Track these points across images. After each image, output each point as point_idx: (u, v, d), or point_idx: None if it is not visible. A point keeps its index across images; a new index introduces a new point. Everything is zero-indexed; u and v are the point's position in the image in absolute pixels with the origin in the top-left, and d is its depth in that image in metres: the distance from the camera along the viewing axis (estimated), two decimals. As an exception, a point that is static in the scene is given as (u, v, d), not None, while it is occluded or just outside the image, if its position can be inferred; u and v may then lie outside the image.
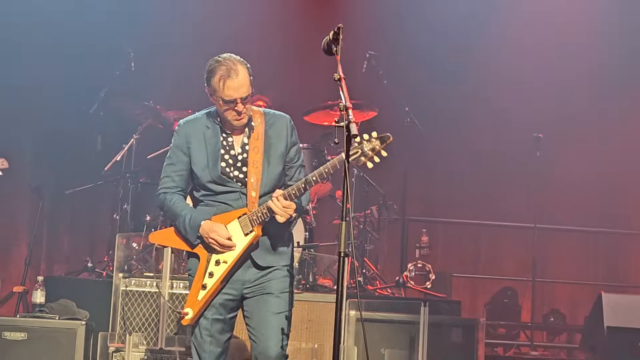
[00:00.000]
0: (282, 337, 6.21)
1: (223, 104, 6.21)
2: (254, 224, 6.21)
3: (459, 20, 13.14)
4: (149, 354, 8.60)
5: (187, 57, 11.99)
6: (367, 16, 12.76)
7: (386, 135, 5.89)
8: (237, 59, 6.25)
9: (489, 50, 13.19)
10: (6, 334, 8.46)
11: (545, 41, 13.14)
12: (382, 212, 11.66)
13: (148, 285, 9.04)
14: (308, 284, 9.82)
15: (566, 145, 13.12)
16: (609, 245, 13.83)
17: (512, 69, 13.22)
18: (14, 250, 12.68)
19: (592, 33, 13.08)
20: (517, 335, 12.46)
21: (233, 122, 6.27)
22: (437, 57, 13.16)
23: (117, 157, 11.33)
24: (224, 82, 6.15)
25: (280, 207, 6.09)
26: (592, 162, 13.39)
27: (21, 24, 12.44)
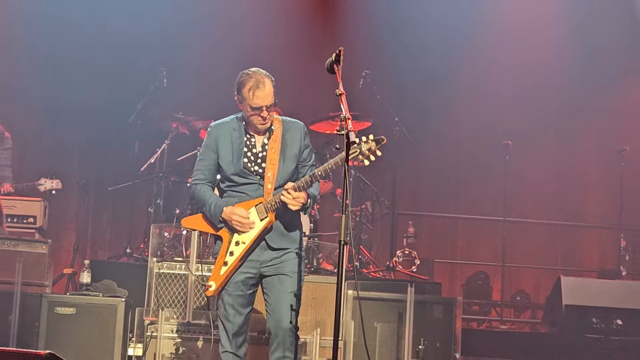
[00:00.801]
0: (293, 312, 6.28)
1: (251, 110, 6.28)
2: (268, 211, 6.30)
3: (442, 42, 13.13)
4: (178, 326, 8.61)
5: (210, 75, 12.02)
6: (363, 40, 12.75)
7: (381, 137, 6.00)
8: (264, 73, 6.35)
9: (468, 69, 13.20)
10: (58, 309, 8.44)
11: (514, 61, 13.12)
12: (375, 207, 11.65)
13: (177, 268, 9.02)
14: (313, 268, 9.83)
15: (531, 150, 13.16)
16: (567, 236, 13.83)
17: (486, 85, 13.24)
18: (64, 238, 12.70)
19: (556, 50, 13.10)
20: (488, 311, 12.46)
21: (258, 126, 6.34)
22: (423, 75, 13.15)
23: (152, 159, 11.32)
24: (253, 92, 6.23)
25: (290, 198, 6.17)
26: (552, 165, 13.45)
27: (71, 47, 12.51)
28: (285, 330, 6.25)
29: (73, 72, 12.56)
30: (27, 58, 12.44)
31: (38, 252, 9.37)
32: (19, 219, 11.34)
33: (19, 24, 12.36)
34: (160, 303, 8.89)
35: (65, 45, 12.55)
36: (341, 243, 5.48)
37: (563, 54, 13.09)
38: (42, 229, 11.40)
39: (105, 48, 12.48)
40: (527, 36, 13.15)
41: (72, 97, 12.61)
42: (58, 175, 10.73)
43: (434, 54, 13.13)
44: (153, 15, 12.49)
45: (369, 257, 11.36)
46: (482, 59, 13.17)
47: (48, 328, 8.40)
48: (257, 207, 6.32)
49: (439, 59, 13.21)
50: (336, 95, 5.73)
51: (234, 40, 12.57)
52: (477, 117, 13.44)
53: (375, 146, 5.99)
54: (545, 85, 13.17)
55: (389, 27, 13.03)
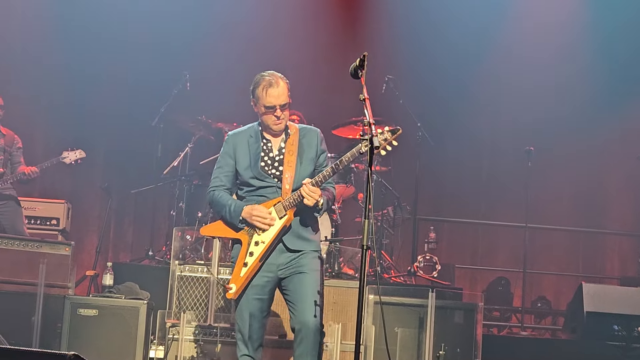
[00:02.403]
0: (317, 308, 6.27)
1: (264, 109, 6.36)
2: (286, 209, 6.33)
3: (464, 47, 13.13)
4: (199, 329, 8.62)
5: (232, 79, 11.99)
6: (386, 44, 12.74)
7: (396, 128, 6.16)
8: (278, 75, 6.44)
9: (491, 75, 13.21)
10: (80, 311, 8.46)
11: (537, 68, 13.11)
12: (397, 212, 11.64)
13: (199, 271, 9.04)
14: (334, 272, 9.81)
15: (553, 157, 13.10)
16: (589, 243, 13.77)
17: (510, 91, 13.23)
18: (86, 240, 12.74)
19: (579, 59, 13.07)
20: (509, 317, 12.39)
21: (272, 126, 6.40)
22: (445, 80, 13.16)
23: (174, 162, 11.34)
24: (266, 90, 6.32)
25: (308, 191, 6.21)
26: (575, 172, 13.37)
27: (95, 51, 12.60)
28: (309, 325, 6.25)
29: (96, 75, 12.62)
30: (50, 61, 12.51)
31: (61, 254, 9.42)
32: (42, 221, 11.40)
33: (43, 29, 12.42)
34: (182, 306, 8.91)
35: (89, 49, 12.62)
36: (364, 248, 5.47)
37: (587, 59, 13.06)
38: (65, 231, 11.46)
39: (129, 52, 12.55)
40: (550, 42, 13.14)
41: (95, 100, 12.67)
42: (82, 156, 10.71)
43: (456, 58, 13.15)
44: (177, 19, 12.56)
45: (390, 262, 11.35)
46: (504, 64, 13.17)
47: (70, 329, 8.42)
48: (275, 206, 6.36)
49: (461, 64, 13.21)
50: (360, 100, 5.74)
51: (257, 45, 12.61)
52: (499, 122, 13.43)
53: (391, 136, 6.10)
54: (569, 91, 13.13)
55: (412, 32, 13.03)
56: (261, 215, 6.31)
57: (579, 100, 13.15)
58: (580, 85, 13.11)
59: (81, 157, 10.55)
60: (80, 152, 10.55)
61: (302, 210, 6.36)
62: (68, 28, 12.53)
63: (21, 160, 10.67)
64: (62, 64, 12.52)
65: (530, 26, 13.20)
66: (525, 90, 13.21)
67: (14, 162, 10.63)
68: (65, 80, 12.58)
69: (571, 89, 13.14)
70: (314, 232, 6.54)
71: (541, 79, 13.16)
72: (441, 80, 13.15)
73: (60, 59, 12.49)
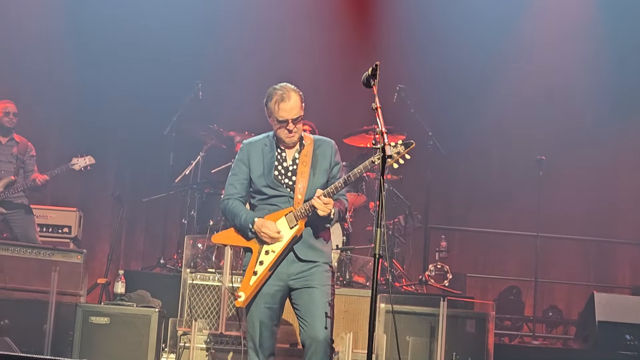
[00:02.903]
0: (327, 323, 6.25)
1: (277, 123, 6.38)
2: (298, 219, 6.33)
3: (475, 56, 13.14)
4: (211, 337, 8.63)
5: (244, 88, 12.06)
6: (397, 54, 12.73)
7: (410, 141, 6.13)
8: (290, 87, 6.42)
9: (502, 84, 13.17)
10: (92, 319, 8.47)
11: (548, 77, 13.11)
12: (408, 221, 11.64)
13: (210, 280, 9.04)
14: (345, 281, 9.80)
15: (564, 166, 13.07)
16: (600, 252, 13.73)
17: (521, 100, 13.21)
18: (98, 248, 12.78)
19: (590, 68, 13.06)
20: (520, 327, 12.38)
21: (285, 139, 6.41)
22: (456, 89, 13.17)
23: (186, 171, 11.36)
24: (278, 105, 6.32)
25: (320, 203, 6.19)
26: (586, 181, 13.34)
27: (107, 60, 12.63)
28: (319, 341, 6.23)
29: (109, 84, 12.66)
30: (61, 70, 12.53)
31: (73, 262, 9.44)
32: (54, 229, 11.44)
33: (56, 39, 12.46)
34: (193, 314, 8.91)
35: (102, 59, 12.67)
36: (376, 256, 5.47)
37: (598, 70, 13.02)
38: (77, 239, 11.49)
39: (141, 61, 12.58)
40: (561, 53, 13.12)
41: (108, 109, 12.70)
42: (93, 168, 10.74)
43: (467, 68, 13.14)
44: (189, 29, 12.57)
45: (402, 271, 11.33)
46: (515, 73, 13.14)
47: (82, 337, 8.43)
48: (287, 215, 6.35)
49: (473, 73, 13.20)
50: (372, 109, 5.75)
51: (269, 55, 12.64)
52: (510, 131, 13.39)
53: (404, 150, 6.09)
54: (580, 100, 13.10)
55: (423, 41, 13.04)
56: (269, 233, 6.32)
57: (590, 109, 13.11)
58: (592, 94, 13.08)
59: (90, 163, 10.57)
60: (90, 158, 10.57)
61: (313, 220, 6.35)
62: (80, 38, 12.57)
63: (34, 168, 10.71)
64: (75, 73, 12.54)
65: (541, 36, 13.19)
66: (536, 99, 13.22)
67: (27, 171, 10.66)
68: (77, 88, 12.61)
69: (583, 97, 13.11)
70: (325, 242, 6.53)
71: (553, 88, 13.18)
72: (452, 90, 13.17)
73: (73, 68, 12.51)
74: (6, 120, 10.58)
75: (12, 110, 10.59)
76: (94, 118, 12.70)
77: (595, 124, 13.15)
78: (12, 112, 10.59)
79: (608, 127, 13.18)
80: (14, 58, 12.34)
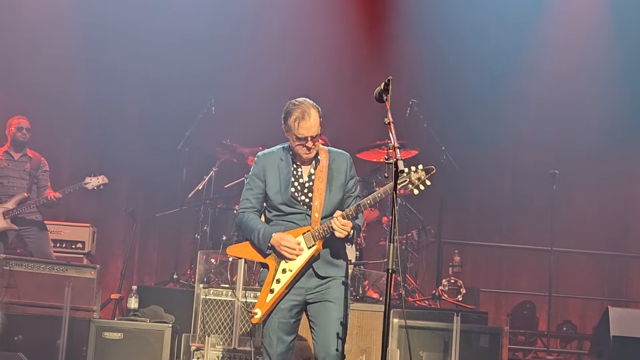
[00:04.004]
0: (339, 339, 6.21)
1: (296, 140, 6.28)
2: (316, 239, 6.26)
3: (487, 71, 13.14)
4: (224, 353, 8.61)
5: (258, 103, 12.09)
6: (410, 68, 12.77)
7: (430, 167, 6.07)
8: (310, 103, 6.33)
9: (515, 99, 13.19)
10: (105, 334, 8.48)
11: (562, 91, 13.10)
12: (421, 236, 11.62)
13: (224, 295, 9.03)
14: (358, 296, 9.79)
15: (578, 180, 13.04)
16: (614, 266, 13.68)
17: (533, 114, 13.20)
18: (111, 263, 12.79)
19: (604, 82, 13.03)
20: (535, 342, 12.34)
21: (303, 156, 6.34)
22: (469, 104, 13.15)
23: (199, 186, 11.36)
24: (298, 122, 6.23)
25: (339, 225, 6.14)
26: (599, 195, 13.32)
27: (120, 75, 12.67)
28: (332, 357, 6.20)
29: (123, 100, 12.72)
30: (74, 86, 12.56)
31: (86, 277, 9.46)
32: (67, 244, 11.46)
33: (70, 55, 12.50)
34: (207, 329, 8.90)
35: (116, 75, 12.72)
36: (389, 271, 5.46)
37: (612, 81, 13.00)
38: (90, 254, 11.50)
39: (155, 77, 12.60)
40: (572, 65, 13.10)
41: (121, 125, 12.75)
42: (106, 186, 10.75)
43: (480, 82, 13.14)
44: (202, 44, 12.61)
45: (415, 286, 11.31)
46: (528, 88, 13.15)
47: (95, 353, 8.44)
48: (304, 235, 6.29)
49: (486, 88, 13.20)
50: (385, 123, 5.74)
51: (282, 69, 12.65)
52: (523, 146, 13.39)
53: (425, 176, 6.05)
54: (593, 114, 13.08)
55: (437, 56, 13.06)
56: (290, 245, 6.25)
57: (603, 123, 13.09)
58: (605, 107, 13.07)
59: (104, 182, 10.57)
60: (103, 177, 10.57)
61: (331, 239, 6.30)
62: (93, 54, 12.62)
63: (48, 184, 10.73)
64: (88, 88, 12.58)
65: (555, 48, 13.19)
66: (549, 114, 13.20)
67: (40, 186, 10.68)
68: (90, 104, 12.65)
69: (595, 111, 13.08)
70: (343, 257, 6.48)
71: (565, 102, 13.13)
72: (465, 104, 13.16)
73: (86, 83, 12.55)
74: (19, 136, 10.60)
75: (25, 126, 10.62)
76: (107, 133, 12.74)
77: (608, 138, 13.13)
78: (25, 128, 10.61)
79: (621, 141, 13.16)
80: (28, 74, 12.37)
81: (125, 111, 12.76)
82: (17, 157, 10.64)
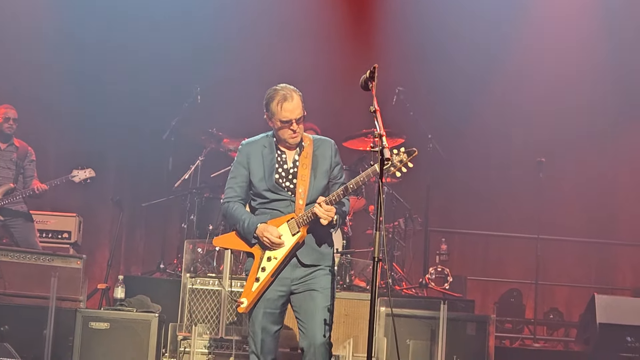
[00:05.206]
0: (326, 328, 6.22)
1: (280, 124, 6.29)
2: (300, 226, 6.27)
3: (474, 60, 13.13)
4: (211, 342, 8.62)
5: (244, 92, 12.04)
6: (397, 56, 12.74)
7: (412, 149, 6.07)
8: (291, 88, 6.36)
9: (501, 86, 13.19)
10: (92, 324, 8.47)
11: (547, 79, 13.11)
12: (408, 224, 11.62)
13: (210, 284, 9.04)
14: (345, 284, 9.81)
15: (565, 168, 13.06)
16: (601, 254, 13.72)
17: (520, 102, 13.21)
18: (97, 253, 12.76)
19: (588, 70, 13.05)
20: (521, 329, 12.36)
21: (288, 140, 6.34)
22: (456, 92, 13.15)
23: (185, 175, 11.35)
24: (281, 105, 6.24)
25: (322, 211, 6.15)
26: (586, 184, 13.33)
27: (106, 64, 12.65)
28: (318, 347, 6.20)
29: (108, 89, 12.67)
30: (60, 75, 12.51)
31: (72, 268, 9.40)
32: (53, 234, 11.43)
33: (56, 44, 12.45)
34: (193, 319, 8.91)
35: (102, 64, 12.67)
36: (375, 260, 5.46)
37: (596, 70, 13.03)
38: (77, 244, 11.47)
39: (140, 66, 12.56)
40: (558, 53, 13.11)
41: (107, 114, 12.69)
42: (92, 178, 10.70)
43: (467, 70, 13.13)
44: (188, 33, 12.57)
45: (402, 274, 11.32)
46: (515, 76, 13.15)
47: (82, 343, 8.43)
48: (289, 222, 6.30)
49: (472, 76, 13.19)
50: (370, 112, 5.72)
51: (268, 58, 12.64)
52: (509, 134, 13.39)
53: (406, 158, 6.05)
54: (579, 102, 13.10)
55: (423, 44, 13.04)
56: (271, 238, 6.25)
57: (590, 110, 13.12)
58: (592, 95, 13.09)
59: (91, 176, 10.51)
60: (90, 171, 10.51)
61: (315, 225, 6.30)
62: (79, 43, 12.57)
63: (34, 174, 10.66)
64: (75, 79, 12.52)
65: (541, 38, 13.18)
66: (536, 101, 13.20)
67: (27, 176, 10.62)
68: (77, 93, 12.57)
69: (582, 100, 13.10)
70: (328, 246, 6.48)
71: (553, 90, 13.15)
72: (452, 92, 13.15)
73: (73, 73, 12.50)
74: (6, 127, 10.53)
75: (12, 116, 10.54)
76: (93, 123, 12.68)
77: (595, 126, 13.16)
78: (12, 118, 10.54)
79: (608, 129, 13.20)
80: (13, 62, 12.32)
81: (112, 100, 12.70)
82: (4, 147, 10.57)
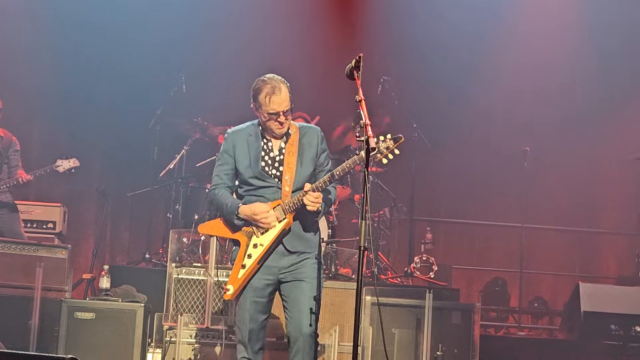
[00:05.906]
0: (313, 317, 6.24)
1: (268, 116, 6.30)
2: (286, 212, 6.30)
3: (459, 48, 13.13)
4: (197, 332, 8.62)
5: (229, 81, 12.01)
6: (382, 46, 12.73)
7: (398, 136, 6.14)
8: (279, 79, 6.35)
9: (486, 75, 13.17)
10: (77, 314, 8.45)
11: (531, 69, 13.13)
12: (393, 213, 11.65)
13: (196, 274, 9.03)
14: (330, 274, 9.81)
15: (549, 157, 13.09)
16: (585, 243, 13.76)
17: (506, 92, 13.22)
18: (82, 243, 12.73)
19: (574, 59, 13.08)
20: (506, 318, 12.41)
21: (275, 131, 6.36)
22: (441, 81, 13.14)
23: (171, 165, 11.34)
24: (269, 98, 6.24)
25: (310, 200, 6.17)
26: (570, 172, 13.35)
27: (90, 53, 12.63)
28: (305, 336, 6.22)
29: (93, 78, 12.63)
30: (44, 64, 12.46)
31: (58, 258, 9.36)
32: (38, 225, 11.38)
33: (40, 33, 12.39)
34: (179, 308, 8.90)
35: (85, 51, 12.62)
36: (361, 249, 5.47)
37: (583, 60, 13.06)
38: (62, 234, 11.43)
39: (125, 54, 12.52)
40: (545, 43, 13.13)
41: (91, 104, 12.66)
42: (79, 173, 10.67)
43: (451, 60, 13.13)
44: (173, 21, 12.52)
45: (387, 263, 11.34)
46: (500, 66, 13.15)
47: (67, 333, 8.41)
48: (275, 209, 6.31)
49: (457, 65, 13.19)
50: (356, 101, 5.73)
51: (253, 48, 12.60)
52: (494, 122, 13.40)
53: (393, 145, 6.10)
54: (564, 91, 13.14)
55: (407, 34, 13.02)
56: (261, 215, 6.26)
57: (574, 100, 13.15)
58: (576, 84, 13.13)
59: (75, 166, 10.46)
60: (75, 160, 10.46)
61: (301, 212, 6.32)
62: (64, 30, 12.50)
63: (19, 164, 10.58)
64: (60, 66, 12.45)
65: (525, 27, 13.19)
66: (520, 91, 13.22)
67: (12, 166, 10.54)
68: (62, 82, 12.51)
69: (566, 88, 13.15)
70: (314, 233, 6.50)
71: (536, 79, 13.18)
72: (437, 81, 13.14)
73: (56, 61, 12.44)
74: (-9, 117, 10.48)
75: (-4, 106, 10.49)
76: (77, 112, 12.63)
77: (579, 116, 13.19)
78: (-3, 108, 10.49)
79: (592, 118, 13.22)
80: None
81: (97, 89, 12.66)
82: (-12, 137, 10.52)
